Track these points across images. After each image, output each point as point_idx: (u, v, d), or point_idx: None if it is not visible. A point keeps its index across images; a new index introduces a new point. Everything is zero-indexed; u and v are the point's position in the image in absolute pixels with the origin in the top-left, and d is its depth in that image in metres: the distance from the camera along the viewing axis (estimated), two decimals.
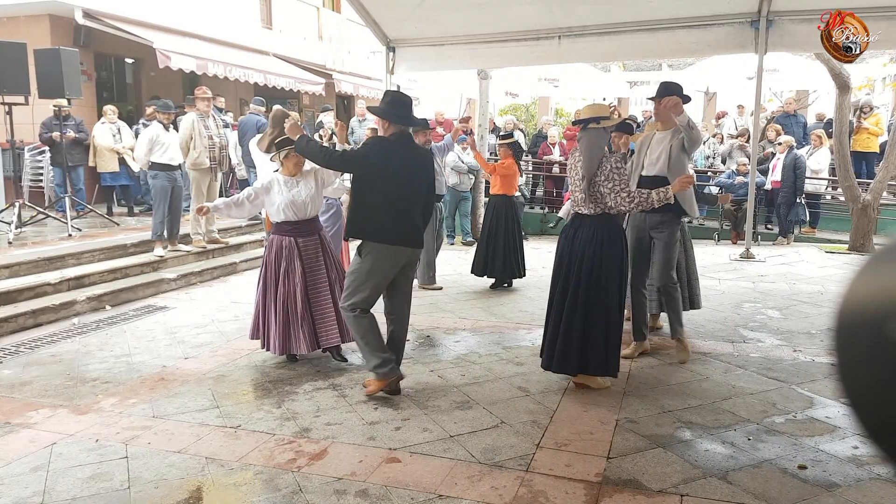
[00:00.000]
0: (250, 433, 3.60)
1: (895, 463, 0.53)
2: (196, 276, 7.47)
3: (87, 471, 3.20)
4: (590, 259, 3.98)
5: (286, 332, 4.54)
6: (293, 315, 4.54)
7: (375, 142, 4.01)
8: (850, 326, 0.56)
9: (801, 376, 4.45)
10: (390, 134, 3.99)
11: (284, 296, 4.54)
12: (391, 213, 3.91)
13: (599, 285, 3.98)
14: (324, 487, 3.02)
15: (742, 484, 3.04)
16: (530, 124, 19.97)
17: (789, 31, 7.91)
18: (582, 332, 3.99)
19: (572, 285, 4.04)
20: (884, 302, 0.53)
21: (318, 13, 16.87)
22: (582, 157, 4.01)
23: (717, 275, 7.74)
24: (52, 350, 5.10)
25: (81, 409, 3.95)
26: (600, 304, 3.99)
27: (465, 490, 2.99)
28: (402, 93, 4.19)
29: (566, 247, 4.12)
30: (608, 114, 4.12)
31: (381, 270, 3.95)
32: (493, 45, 9.14)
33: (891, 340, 0.51)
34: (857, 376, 0.55)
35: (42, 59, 8.01)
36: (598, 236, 3.99)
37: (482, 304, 6.54)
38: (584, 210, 4.04)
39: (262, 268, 4.69)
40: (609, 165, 3.93)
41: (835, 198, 11.29)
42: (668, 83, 4.75)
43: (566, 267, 4.09)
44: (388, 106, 4.02)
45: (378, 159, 3.88)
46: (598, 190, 3.95)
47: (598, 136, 4.04)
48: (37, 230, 8.45)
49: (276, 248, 4.59)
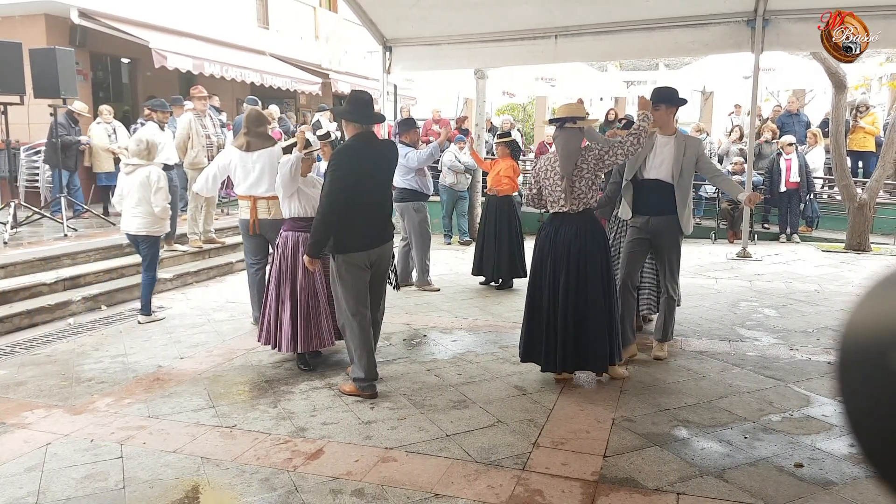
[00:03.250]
0: (246, 433, 3.59)
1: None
2: (192, 276, 7.45)
3: (82, 471, 3.19)
4: (576, 255, 4.02)
5: (308, 328, 4.46)
6: (314, 309, 4.49)
7: (339, 157, 4.00)
8: (853, 355, 0.56)
9: (797, 374, 4.45)
10: (350, 136, 4.08)
11: (307, 290, 4.48)
12: (360, 219, 3.99)
13: (590, 279, 4.02)
14: (319, 487, 3.01)
15: (738, 482, 3.04)
16: (527, 124, 19.98)
17: (786, 30, 7.91)
18: (587, 327, 4.03)
19: (562, 284, 4.05)
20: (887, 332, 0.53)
21: (315, 13, 16.85)
22: (559, 157, 4.07)
23: (713, 274, 7.74)
24: (47, 350, 5.08)
25: (77, 409, 3.94)
26: (595, 296, 4.03)
27: (462, 489, 2.99)
28: (363, 91, 4.33)
29: (547, 246, 4.15)
30: (584, 114, 4.19)
31: (356, 276, 4.02)
32: (489, 45, 9.13)
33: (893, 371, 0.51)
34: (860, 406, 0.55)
35: (37, 59, 7.99)
36: (582, 232, 4.06)
37: (479, 303, 6.53)
38: (564, 208, 4.08)
39: (277, 266, 4.56)
40: (593, 153, 4.03)
41: (831, 197, 11.31)
42: (661, 89, 4.75)
43: (551, 267, 4.10)
44: (348, 106, 4.13)
45: (348, 175, 3.93)
46: (580, 185, 4.01)
47: (573, 135, 4.10)
48: (33, 230, 8.43)
49: (291, 244, 4.54)
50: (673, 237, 4.59)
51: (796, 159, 10.02)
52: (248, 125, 5.45)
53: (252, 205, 5.30)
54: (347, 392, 4.11)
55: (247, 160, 5.29)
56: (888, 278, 0.56)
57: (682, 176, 4.50)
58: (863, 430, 0.55)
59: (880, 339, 0.53)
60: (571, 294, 4.03)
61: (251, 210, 5.30)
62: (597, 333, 4.05)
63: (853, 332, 0.56)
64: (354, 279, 4.01)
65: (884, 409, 0.52)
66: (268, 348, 5.09)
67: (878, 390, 0.53)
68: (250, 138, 5.36)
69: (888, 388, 0.52)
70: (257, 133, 5.41)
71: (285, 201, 4.61)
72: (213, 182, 5.51)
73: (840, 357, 0.57)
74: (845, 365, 0.57)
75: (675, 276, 4.70)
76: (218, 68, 11.79)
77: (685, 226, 4.56)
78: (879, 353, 0.52)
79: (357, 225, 3.98)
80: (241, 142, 5.39)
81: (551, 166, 4.13)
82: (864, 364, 0.54)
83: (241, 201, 5.45)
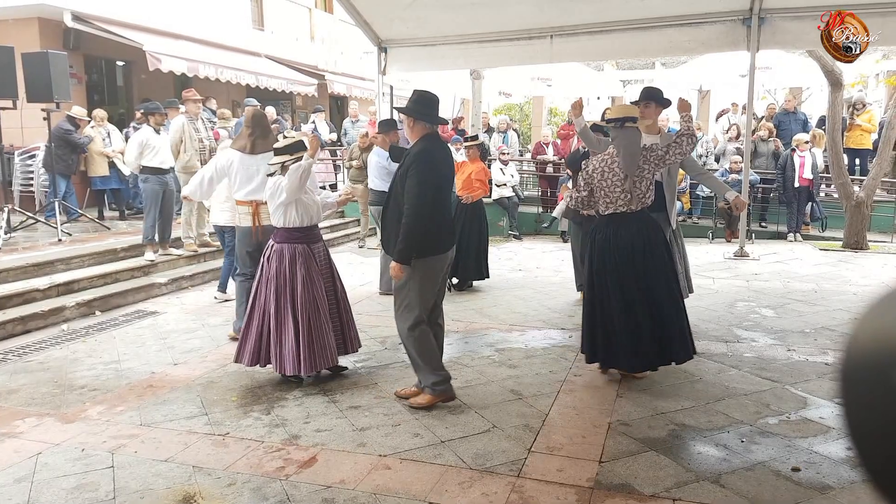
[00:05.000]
0: (238, 440, 3.55)
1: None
2: (187, 280, 7.42)
3: (72, 481, 3.15)
4: (640, 254, 4.06)
5: (312, 348, 4.18)
6: (316, 326, 4.22)
7: (425, 158, 3.77)
8: (856, 371, 0.56)
9: (794, 376, 4.42)
10: (422, 137, 3.88)
11: (308, 306, 4.20)
12: (441, 221, 3.87)
13: (659, 274, 4.08)
14: (312, 496, 2.98)
15: (735, 487, 3.01)
16: (524, 124, 19.96)
17: (781, 28, 7.90)
18: (666, 322, 4.08)
19: (629, 282, 4.06)
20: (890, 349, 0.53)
21: (311, 14, 16.80)
22: (621, 157, 4.06)
23: (710, 273, 7.72)
24: (40, 357, 5.05)
25: (68, 417, 3.91)
26: (668, 290, 4.11)
27: (456, 497, 2.95)
28: (428, 91, 4.01)
29: (606, 247, 4.13)
30: (637, 114, 4.21)
31: (433, 280, 3.89)
32: (484, 45, 9.11)
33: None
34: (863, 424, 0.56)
35: (30, 63, 7.95)
36: (644, 231, 4.11)
37: (476, 305, 6.50)
38: (622, 209, 4.09)
39: (271, 281, 4.24)
40: (655, 153, 4.08)
41: (828, 195, 11.29)
42: (649, 89, 4.90)
43: (615, 267, 4.09)
44: (414, 104, 3.93)
45: (435, 176, 3.79)
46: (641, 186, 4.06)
47: (634, 134, 4.10)
48: (27, 235, 8.38)
49: (288, 257, 4.25)
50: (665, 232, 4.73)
51: (809, 157, 10.00)
52: (252, 126, 5.08)
53: (254, 210, 4.99)
54: (424, 404, 3.90)
55: (249, 163, 4.97)
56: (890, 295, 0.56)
57: (669, 174, 4.65)
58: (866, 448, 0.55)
59: (884, 356, 0.53)
60: (645, 291, 4.07)
61: (253, 216, 5.00)
62: (677, 325, 4.12)
63: (856, 349, 0.56)
64: (432, 284, 3.88)
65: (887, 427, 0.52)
66: None
67: (881, 408, 0.53)
68: (255, 139, 5.03)
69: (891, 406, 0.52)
70: (262, 134, 5.07)
71: (280, 209, 4.25)
72: (209, 185, 5.14)
73: (843, 374, 0.57)
74: (848, 382, 0.56)
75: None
76: (213, 70, 11.75)
77: (673, 221, 4.84)
78: (883, 370, 0.52)
79: (439, 227, 3.85)
80: (244, 143, 5.04)
81: (608, 167, 4.11)
82: (867, 382, 0.54)
83: (239, 207, 5.10)
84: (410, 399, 3.99)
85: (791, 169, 10.06)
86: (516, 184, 11.21)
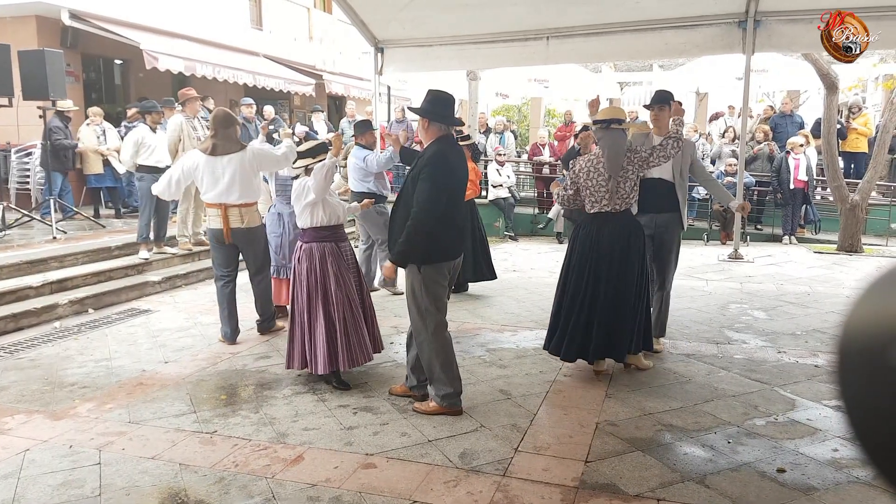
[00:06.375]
0: (226, 439, 3.56)
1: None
2: (181, 279, 7.42)
3: (59, 478, 3.16)
4: (619, 252, 4.16)
5: (348, 343, 4.18)
6: (352, 322, 4.23)
7: (438, 161, 3.67)
8: (852, 353, 0.56)
9: (784, 378, 4.43)
10: (437, 139, 3.77)
11: (343, 302, 4.21)
12: (451, 227, 3.76)
13: (628, 274, 4.18)
14: (297, 494, 2.98)
15: (720, 488, 3.02)
16: (523, 125, 19.96)
17: (777, 31, 7.91)
18: (621, 319, 4.19)
19: (604, 279, 4.17)
20: (886, 328, 0.53)
21: (309, 13, 16.81)
22: (606, 158, 4.14)
23: (704, 275, 7.73)
24: (31, 354, 5.05)
25: (57, 414, 3.91)
26: (632, 291, 4.21)
27: (441, 496, 2.96)
28: (444, 91, 3.88)
29: (587, 244, 4.26)
30: (624, 116, 4.31)
31: (442, 284, 3.79)
32: (481, 46, 9.12)
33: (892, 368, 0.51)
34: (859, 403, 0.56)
35: (26, 61, 7.95)
36: (626, 231, 4.20)
37: (468, 305, 6.51)
38: (606, 208, 4.18)
39: (303, 282, 4.25)
40: (639, 156, 4.17)
41: (823, 198, 11.30)
42: (662, 92, 4.92)
43: (594, 264, 4.21)
44: (430, 105, 3.79)
45: (448, 179, 3.67)
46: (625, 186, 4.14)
47: (619, 136, 4.18)
48: (23, 232, 8.38)
49: (318, 255, 4.25)
50: (676, 232, 4.84)
51: (804, 159, 10.02)
52: (214, 127, 5.00)
53: (223, 213, 4.98)
54: (429, 411, 3.83)
55: (215, 165, 4.92)
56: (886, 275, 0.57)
57: (681, 175, 4.73)
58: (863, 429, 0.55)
59: (879, 335, 0.53)
60: (611, 288, 4.17)
61: (223, 219, 4.99)
62: (626, 324, 4.22)
63: (852, 330, 0.56)
64: (440, 290, 3.77)
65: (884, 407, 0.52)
66: (253, 351, 5.08)
67: (878, 388, 0.53)
68: (217, 141, 4.95)
69: (888, 386, 0.52)
70: (225, 135, 4.99)
71: (308, 209, 4.25)
72: (177, 186, 5.08)
73: (839, 355, 0.57)
74: (845, 363, 0.57)
75: (673, 269, 4.92)
76: (210, 69, 11.75)
77: (685, 222, 4.90)
78: (879, 349, 0.52)
79: (450, 233, 3.74)
80: (207, 145, 4.99)
81: (594, 167, 4.19)
82: (863, 362, 0.55)
83: (209, 210, 5.11)
84: (416, 404, 3.94)
85: (786, 171, 10.08)
86: (512, 185, 11.23)
